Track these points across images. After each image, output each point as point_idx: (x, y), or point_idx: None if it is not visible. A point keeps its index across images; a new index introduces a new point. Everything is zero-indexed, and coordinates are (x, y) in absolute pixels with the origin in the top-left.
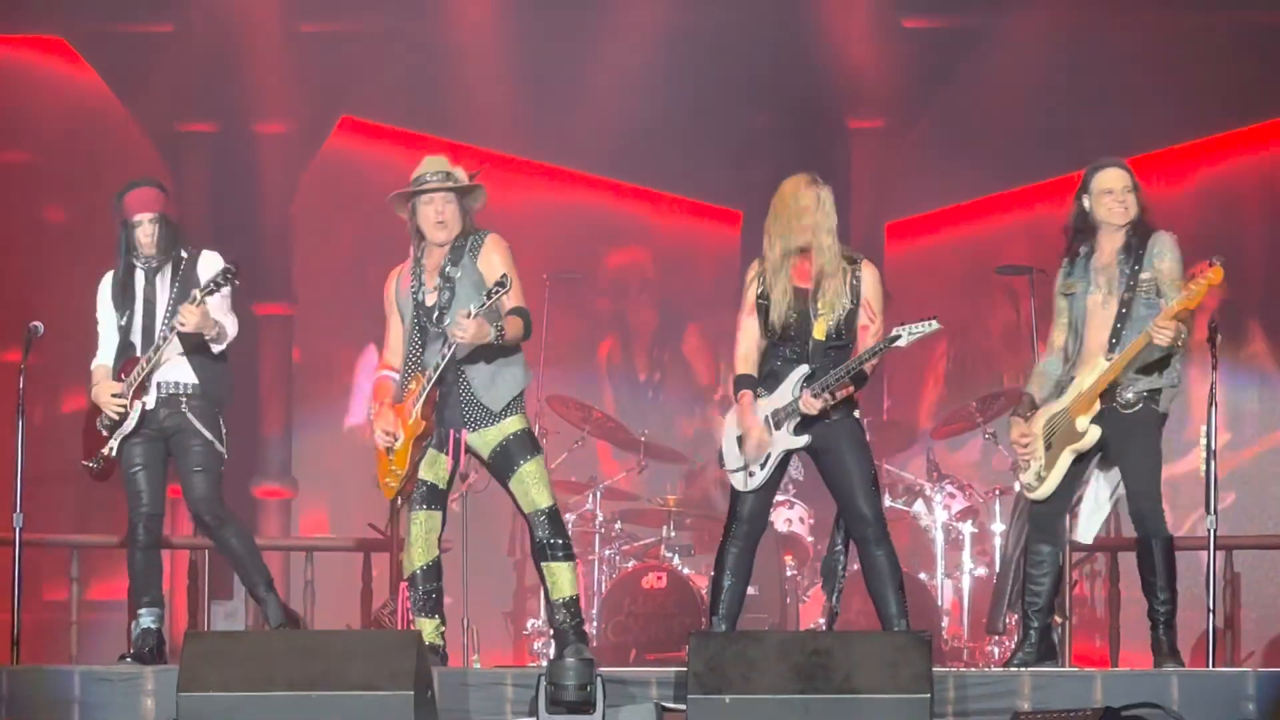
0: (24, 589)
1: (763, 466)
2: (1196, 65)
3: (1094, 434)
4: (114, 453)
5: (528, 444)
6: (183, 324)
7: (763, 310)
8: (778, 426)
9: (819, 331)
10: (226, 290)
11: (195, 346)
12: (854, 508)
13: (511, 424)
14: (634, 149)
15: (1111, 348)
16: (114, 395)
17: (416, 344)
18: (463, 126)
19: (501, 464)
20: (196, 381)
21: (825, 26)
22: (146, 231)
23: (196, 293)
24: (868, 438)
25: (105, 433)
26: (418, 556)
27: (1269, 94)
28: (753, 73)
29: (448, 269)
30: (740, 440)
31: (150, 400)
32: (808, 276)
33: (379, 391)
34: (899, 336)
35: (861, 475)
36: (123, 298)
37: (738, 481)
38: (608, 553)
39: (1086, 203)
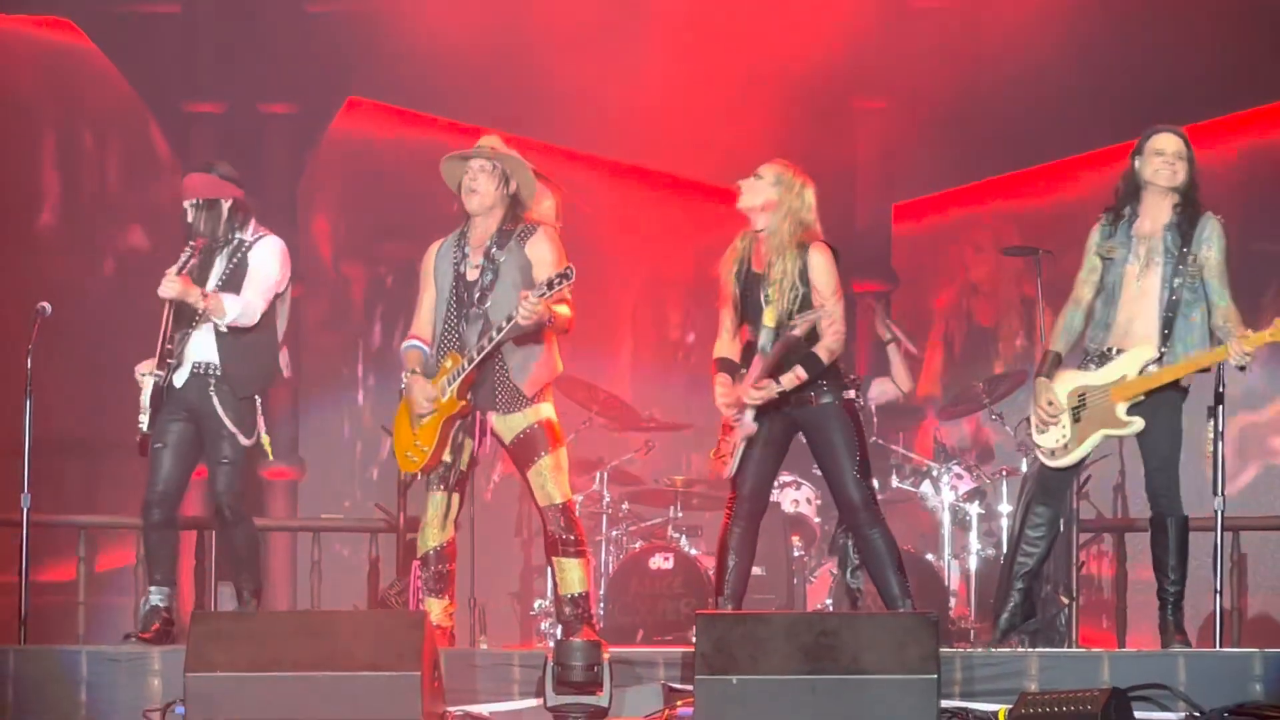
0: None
1: (733, 454)
2: (1207, 44)
3: (1138, 425)
4: (145, 428)
5: (550, 436)
6: (167, 292)
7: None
8: (740, 414)
9: (768, 318)
10: (265, 272)
11: (223, 326)
12: (843, 495)
13: (538, 412)
14: (638, 129)
15: (1165, 338)
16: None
17: (453, 316)
18: (469, 108)
19: (522, 452)
20: (219, 363)
21: (831, 6)
22: (189, 216)
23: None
24: (860, 419)
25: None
26: (432, 537)
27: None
28: (758, 53)
29: (493, 250)
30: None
31: (180, 378)
32: (760, 259)
33: (409, 359)
34: (795, 325)
35: (850, 460)
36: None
37: (720, 468)
38: (615, 533)
39: (1138, 163)
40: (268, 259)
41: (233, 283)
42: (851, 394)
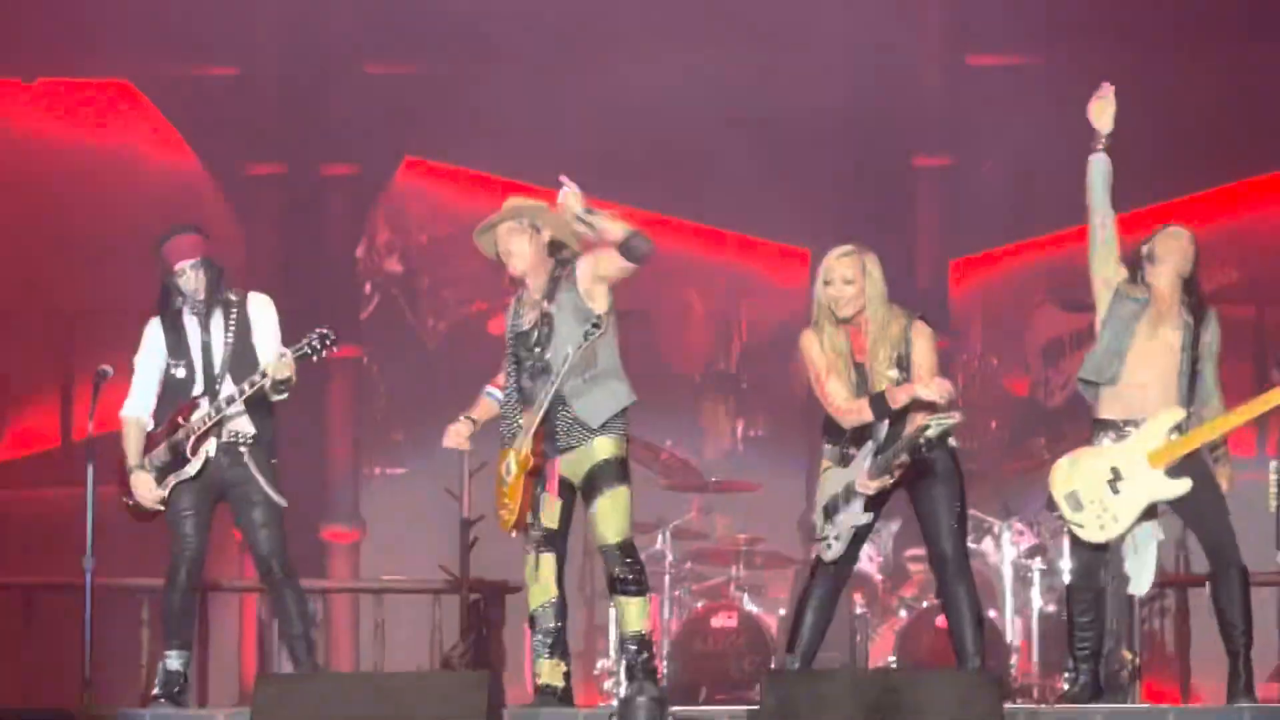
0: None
1: (838, 539)
2: (1269, 102)
3: (1186, 484)
4: (168, 493)
5: (612, 474)
6: (279, 375)
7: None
8: (847, 501)
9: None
10: (274, 326)
11: (256, 397)
12: (936, 546)
13: (602, 448)
14: (701, 188)
15: (1187, 399)
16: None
17: (513, 374)
18: (525, 168)
19: (586, 493)
20: (255, 431)
21: (890, 64)
22: (190, 279)
23: (288, 351)
24: (963, 473)
25: (152, 474)
26: (533, 598)
27: None
28: (819, 111)
29: (545, 304)
30: (826, 510)
31: (211, 447)
32: (861, 348)
33: (477, 409)
34: (928, 427)
35: (948, 512)
36: (177, 345)
37: (821, 550)
38: (678, 592)
39: (1146, 250)
40: (269, 311)
41: (240, 341)
42: (954, 441)
